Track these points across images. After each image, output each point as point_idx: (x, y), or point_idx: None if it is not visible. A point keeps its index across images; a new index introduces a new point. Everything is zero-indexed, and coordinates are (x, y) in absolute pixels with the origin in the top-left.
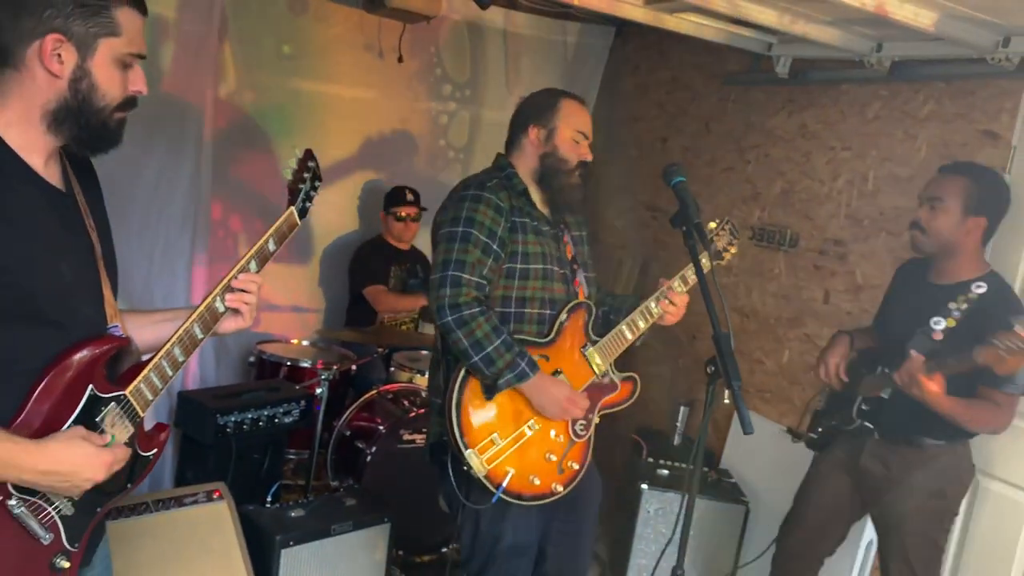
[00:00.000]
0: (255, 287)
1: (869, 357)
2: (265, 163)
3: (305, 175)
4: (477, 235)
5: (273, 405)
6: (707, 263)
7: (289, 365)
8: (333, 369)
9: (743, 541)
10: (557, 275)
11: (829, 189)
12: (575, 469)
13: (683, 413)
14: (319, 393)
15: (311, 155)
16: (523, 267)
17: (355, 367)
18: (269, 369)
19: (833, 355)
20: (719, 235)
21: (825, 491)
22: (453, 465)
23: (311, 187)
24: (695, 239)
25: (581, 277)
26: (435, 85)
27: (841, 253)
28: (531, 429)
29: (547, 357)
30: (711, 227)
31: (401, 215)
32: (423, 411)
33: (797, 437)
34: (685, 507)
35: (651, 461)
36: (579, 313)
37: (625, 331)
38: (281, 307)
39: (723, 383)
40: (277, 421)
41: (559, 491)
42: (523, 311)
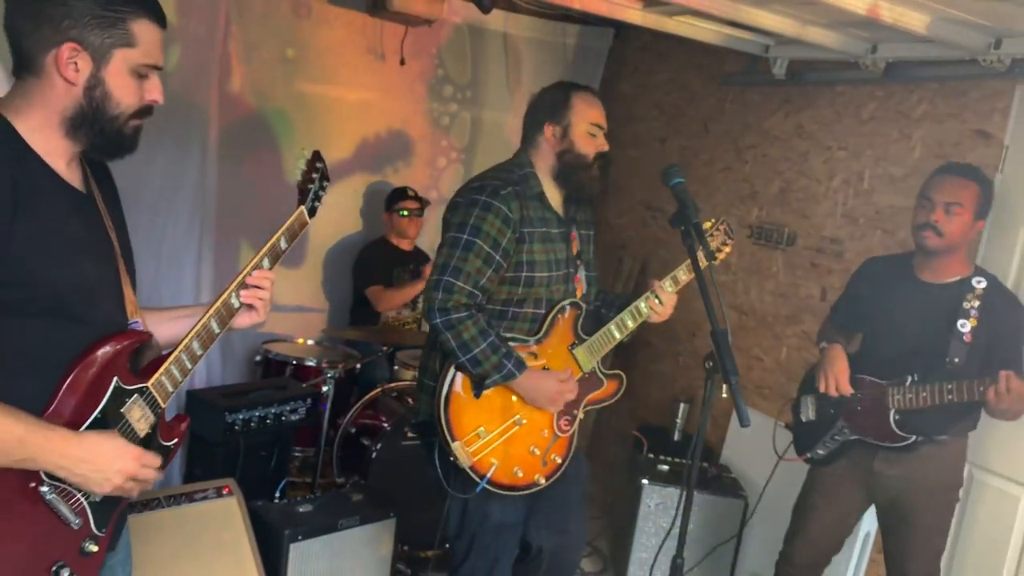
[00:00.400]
0: (269, 283)
1: (868, 363)
2: (270, 164)
3: (314, 175)
4: (481, 245)
5: (280, 403)
6: (704, 262)
7: (295, 364)
8: (339, 368)
9: (742, 535)
10: (559, 277)
11: (826, 188)
12: (558, 463)
13: (683, 410)
14: (325, 391)
15: (319, 156)
16: (528, 275)
17: (360, 365)
18: (275, 368)
19: (839, 370)
20: (713, 235)
21: (832, 505)
22: (439, 452)
23: (320, 187)
24: (693, 238)
25: (582, 275)
26: (436, 87)
27: (838, 251)
28: (517, 424)
29: (535, 355)
30: (706, 227)
31: (404, 211)
32: None
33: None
34: (684, 498)
35: (651, 457)
36: (570, 312)
37: (613, 330)
38: (286, 307)
39: (721, 378)
40: (284, 419)
41: (541, 483)
42: (520, 311)
